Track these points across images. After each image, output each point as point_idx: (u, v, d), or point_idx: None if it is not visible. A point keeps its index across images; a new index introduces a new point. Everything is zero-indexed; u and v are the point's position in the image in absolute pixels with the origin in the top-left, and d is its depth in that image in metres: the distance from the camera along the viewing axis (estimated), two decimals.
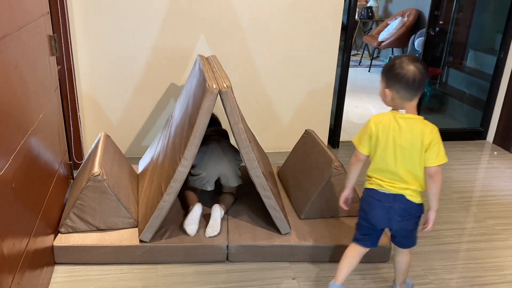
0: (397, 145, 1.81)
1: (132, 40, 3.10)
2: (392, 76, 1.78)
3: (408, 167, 1.83)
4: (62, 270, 2.19)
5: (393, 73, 1.77)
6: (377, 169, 1.88)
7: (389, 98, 1.82)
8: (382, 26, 6.48)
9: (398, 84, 1.77)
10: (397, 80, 1.77)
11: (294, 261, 2.33)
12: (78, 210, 2.25)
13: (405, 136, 1.80)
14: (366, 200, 1.95)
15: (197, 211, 2.33)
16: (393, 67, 1.78)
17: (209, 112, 2.07)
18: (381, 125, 1.83)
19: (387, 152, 1.83)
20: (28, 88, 1.90)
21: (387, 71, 1.81)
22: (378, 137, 1.84)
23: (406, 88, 1.77)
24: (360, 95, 5.40)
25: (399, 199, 1.87)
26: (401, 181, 1.85)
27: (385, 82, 1.82)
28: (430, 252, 2.46)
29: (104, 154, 2.42)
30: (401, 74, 1.76)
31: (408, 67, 1.75)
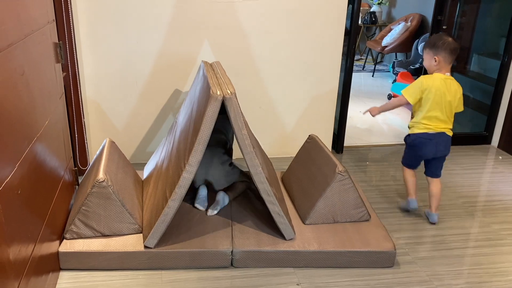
0: (446, 100, 2.54)
1: (136, 46, 3.12)
2: (440, 45, 2.50)
3: (449, 114, 2.60)
4: (67, 276, 2.20)
5: (440, 43, 2.50)
6: (427, 117, 2.60)
7: (437, 63, 2.53)
8: (386, 31, 6.49)
9: (444, 51, 2.49)
10: (444, 48, 2.49)
11: (299, 267, 2.33)
12: (83, 216, 2.26)
13: (450, 93, 2.54)
14: (418, 141, 2.69)
15: (202, 191, 2.62)
16: (439, 39, 2.53)
17: (213, 118, 2.08)
18: (433, 84, 2.52)
19: (439, 104, 2.55)
20: (34, 95, 1.92)
21: (434, 43, 2.52)
22: (431, 91, 2.53)
23: (450, 53, 2.50)
24: (364, 100, 5.41)
25: (442, 135, 2.65)
26: (444, 123, 2.62)
27: (433, 51, 2.52)
28: (435, 258, 2.46)
29: (109, 160, 2.43)
30: (446, 43, 2.49)
31: (448, 39, 2.52)
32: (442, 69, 2.54)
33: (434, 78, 2.53)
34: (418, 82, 2.56)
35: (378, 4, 7.06)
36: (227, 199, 2.63)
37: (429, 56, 2.55)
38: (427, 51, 2.57)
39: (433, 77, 2.54)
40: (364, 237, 2.41)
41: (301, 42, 3.34)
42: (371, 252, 2.32)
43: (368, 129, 4.42)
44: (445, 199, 3.08)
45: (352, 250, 2.32)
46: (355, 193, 2.50)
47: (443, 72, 2.55)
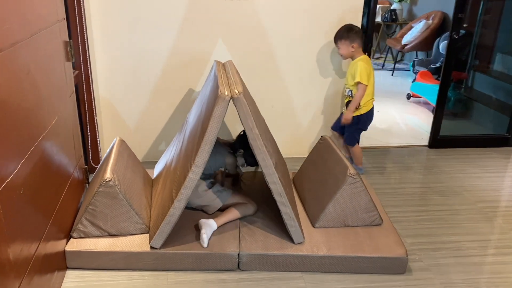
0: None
1: (149, 45, 3.11)
2: (354, 34, 3.01)
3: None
4: (74, 275, 2.20)
5: (354, 32, 3.01)
6: (371, 93, 3.09)
7: (354, 49, 3.01)
8: (406, 29, 6.34)
9: (358, 38, 3.01)
10: (358, 36, 3.01)
11: (307, 271, 2.28)
12: (89, 215, 2.26)
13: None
14: (370, 116, 3.18)
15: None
16: (351, 29, 3.03)
17: (220, 118, 2.04)
18: (369, 66, 3.01)
19: (373, 81, 3.08)
20: (40, 93, 1.91)
21: (348, 33, 3.01)
22: (371, 72, 3.03)
23: (361, 39, 3.04)
24: (382, 99, 5.28)
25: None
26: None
27: (350, 40, 3.00)
28: (450, 265, 2.37)
29: (117, 159, 2.42)
30: (357, 31, 3.02)
31: (356, 27, 3.06)
32: (357, 53, 3.02)
33: (364, 59, 3.02)
34: (363, 67, 2.96)
35: (399, 1, 6.91)
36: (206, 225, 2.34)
37: (346, 45, 3.01)
38: (343, 42, 3.01)
39: (364, 60, 3.01)
40: (375, 242, 2.33)
41: (315, 40, 3.27)
42: (382, 258, 2.25)
43: (386, 129, 4.31)
44: (463, 203, 2.98)
45: (362, 256, 2.25)
46: (366, 196, 2.42)
47: (358, 56, 3.02)
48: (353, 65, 3.06)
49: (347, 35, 3.01)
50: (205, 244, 2.25)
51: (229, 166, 2.59)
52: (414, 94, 5.12)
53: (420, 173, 3.43)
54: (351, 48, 3.01)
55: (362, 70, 2.96)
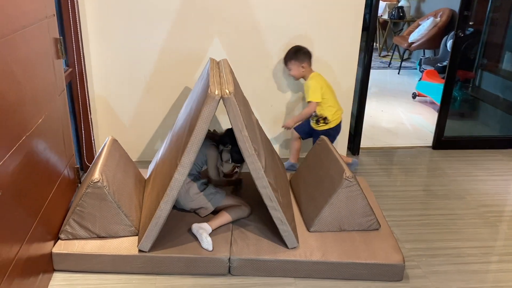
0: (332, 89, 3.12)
1: (144, 42, 3.05)
2: (303, 54, 3.03)
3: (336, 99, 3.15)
4: (60, 278, 2.15)
5: (302, 53, 3.03)
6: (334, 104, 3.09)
7: (304, 69, 3.03)
8: (414, 26, 6.22)
9: (308, 58, 3.05)
10: (307, 56, 3.04)
11: (300, 277, 2.21)
12: (77, 216, 2.21)
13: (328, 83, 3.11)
14: (338, 128, 3.19)
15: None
16: (299, 50, 3.04)
17: (209, 118, 1.97)
18: (320, 81, 3.04)
19: (333, 94, 3.10)
20: (24, 91, 1.86)
21: (297, 53, 3.03)
22: (324, 87, 3.03)
23: (309, 59, 3.06)
24: (388, 98, 5.19)
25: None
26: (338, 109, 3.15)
27: (299, 61, 3.02)
28: (449, 272, 2.28)
29: (107, 159, 2.36)
30: (305, 51, 3.05)
31: (303, 48, 3.06)
32: (308, 73, 3.05)
33: (313, 77, 3.03)
34: (313, 86, 2.99)
35: None
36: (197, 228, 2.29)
37: (296, 66, 3.02)
38: (293, 63, 3.02)
39: (313, 77, 3.03)
40: (371, 248, 2.26)
41: (315, 38, 3.18)
42: (378, 264, 2.17)
43: (390, 129, 4.22)
44: (465, 207, 2.89)
45: (357, 262, 2.18)
46: (363, 200, 2.34)
47: (308, 75, 3.05)
48: (305, 86, 3.07)
49: (296, 56, 3.02)
50: (211, 247, 2.19)
51: (210, 159, 2.48)
52: (420, 93, 5.01)
53: (422, 176, 3.33)
54: (302, 69, 3.02)
55: (312, 88, 2.99)
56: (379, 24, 7.19)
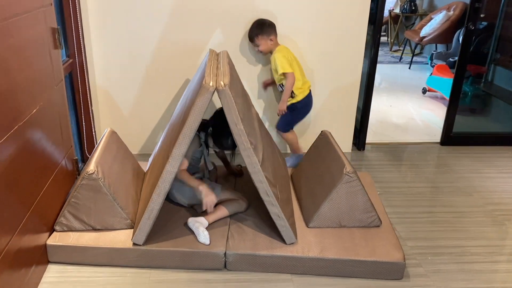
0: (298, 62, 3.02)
1: (146, 33, 3.01)
2: (269, 27, 2.92)
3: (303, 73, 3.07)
4: (55, 270, 2.13)
5: (268, 25, 2.93)
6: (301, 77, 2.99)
7: (272, 43, 2.93)
8: (426, 20, 6.09)
9: (274, 31, 2.95)
10: (273, 28, 2.94)
11: (297, 273, 2.16)
12: (72, 208, 2.19)
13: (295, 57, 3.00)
14: (307, 103, 3.08)
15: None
16: (264, 23, 2.93)
17: (202, 110, 1.93)
18: (287, 53, 2.93)
19: (300, 67, 3.00)
20: (15, 81, 1.83)
21: (263, 27, 2.92)
22: (292, 59, 2.93)
23: (275, 30, 2.96)
24: (398, 93, 5.10)
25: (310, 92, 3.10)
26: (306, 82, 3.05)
27: (266, 35, 2.91)
28: (451, 272, 2.21)
29: (104, 151, 2.34)
30: (271, 23, 2.94)
31: (266, 20, 2.95)
32: (275, 46, 2.95)
33: (280, 50, 2.93)
34: (281, 57, 2.87)
35: None
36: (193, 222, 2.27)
37: (264, 40, 2.91)
38: (260, 38, 2.90)
39: (280, 50, 2.93)
40: (371, 245, 2.20)
41: (320, 30, 3.12)
42: (377, 262, 2.11)
43: (399, 125, 4.13)
44: (472, 205, 2.80)
45: (356, 259, 2.12)
46: (364, 196, 2.28)
47: (275, 49, 2.94)
48: (272, 60, 2.96)
49: (262, 30, 2.91)
50: (208, 241, 2.16)
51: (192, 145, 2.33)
52: (430, 88, 4.91)
53: (429, 172, 3.25)
54: (270, 42, 2.92)
55: (281, 60, 2.87)
56: (391, 18, 7.06)
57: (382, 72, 5.97)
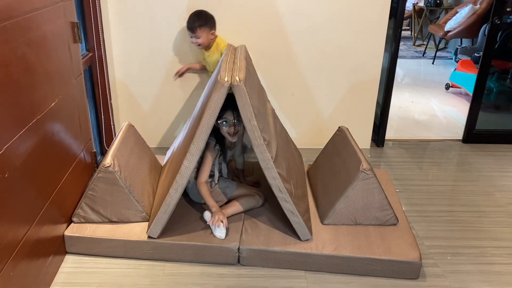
0: None
1: (165, 28, 3.03)
2: (211, 20, 2.84)
3: None
4: (72, 260, 2.17)
5: (210, 18, 2.84)
6: None
7: (212, 37, 2.87)
8: (451, 14, 5.95)
9: (214, 25, 2.87)
10: (213, 22, 2.86)
11: (310, 270, 2.15)
12: (89, 200, 2.22)
13: None
14: None
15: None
16: (207, 15, 2.84)
17: (218, 105, 1.93)
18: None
19: None
20: (36, 74, 1.86)
21: (207, 19, 2.82)
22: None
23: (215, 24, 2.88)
24: (420, 89, 5.00)
25: None
26: None
27: (209, 27, 2.83)
28: (470, 272, 2.16)
29: (121, 145, 2.36)
30: (211, 17, 2.85)
31: (208, 13, 2.86)
32: (215, 39, 2.90)
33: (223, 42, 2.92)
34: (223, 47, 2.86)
35: None
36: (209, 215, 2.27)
37: (206, 33, 2.82)
38: (203, 29, 2.81)
39: (223, 42, 2.92)
40: (387, 244, 2.16)
41: (340, 24, 3.07)
42: (392, 261, 2.08)
43: (421, 121, 4.05)
44: (493, 204, 2.73)
45: (371, 257, 2.09)
46: (380, 193, 2.25)
47: (214, 42, 2.90)
48: (215, 52, 2.90)
49: (206, 22, 2.82)
50: (224, 235, 2.16)
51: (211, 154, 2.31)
52: (454, 84, 4.79)
53: (449, 170, 3.18)
54: (211, 36, 2.85)
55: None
56: (415, 11, 6.92)
57: (405, 67, 5.87)
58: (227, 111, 2.20)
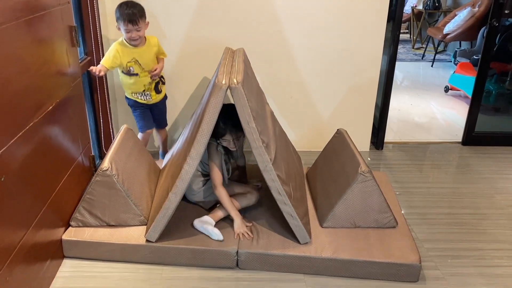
0: None
1: (164, 30, 3.02)
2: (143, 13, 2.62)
3: None
4: (70, 264, 2.16)
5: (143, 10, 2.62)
6: None
7: (146, 28, 2.67)
8: (450, 17, 5.95)
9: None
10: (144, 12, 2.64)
11: (310, 274, 2.13)
12: (87, 204, 2.21)
13: None
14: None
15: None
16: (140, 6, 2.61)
17: (216, 108, 1.92)
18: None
19: None
20: (31, 78, 1.86)
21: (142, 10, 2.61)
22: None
23: None
24: (419, 91, 5.00)
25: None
26: None
27: (145, 18, 2.62)
28: (470, 275, 2.15)
29: (119, 148, 2.36)
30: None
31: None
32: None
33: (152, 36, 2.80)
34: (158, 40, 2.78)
35: None
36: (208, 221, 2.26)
37: (145, 24, 2.65)
38: (143, 20, 2.61)
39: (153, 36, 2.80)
40: (387, 246, 2.15)
41: (338, 27, 3.07)
42: (392, 264, 2.07)
43: (420, 124, 4.04)
44: (493, 207, 2.72)
45: (370, 260, 2.08)
46: (379, 196, 2.24)
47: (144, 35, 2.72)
48: (150, 48, 2.73)
49: (143, 12, 2.61)
50: (221, 237, 2.16)
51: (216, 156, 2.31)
52: (453, 87, 4.79)
53: (449, 172, 3.17)
54: (147, 27, 2.67)
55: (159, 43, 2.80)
56: (413, 14, 6.93)
57: (404, 70, 5.86)
58: (227, 134, 2.21)
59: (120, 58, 2.65)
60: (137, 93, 2.79)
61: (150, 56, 2.76)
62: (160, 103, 2.93)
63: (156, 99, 2.87)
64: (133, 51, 2.68)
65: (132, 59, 2.68)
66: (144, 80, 2.75)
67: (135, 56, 2.68)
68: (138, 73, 2.72)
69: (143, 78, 2.75)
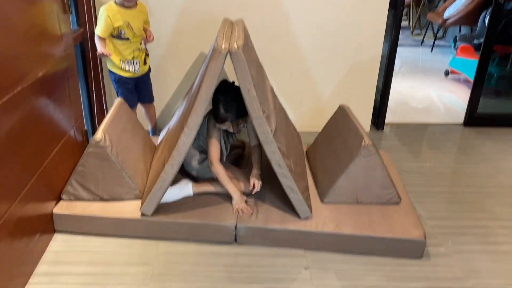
0: None
1: (160, 4, 2.92)
2: None
3: None
4: (61, 239, 2.08)
5: None
6: None
7: None
8: (449, 1, 5.85)
9: None
10: None
11: (310, 249, 2.06)
12: (80, 177, 2.12)
13: None
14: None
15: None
16: None
17: (215, 75, 1.83)
18: None
19: None
20: (20, 42, 1.76)
21: None
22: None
23: None
24: (418, 76, 4.92)
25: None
26: None
27: None
28: (475, 252, 2.09)
29: (113, 120, 2.26)
30: None
31: None
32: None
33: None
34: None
35: None
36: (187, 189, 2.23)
37: None
38: None
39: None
40: (390, 222, 2.08)
41: (340, 1, 2.98)
42: (395, 239, 2.00)
43: (421, 107, 3.97)
44: (497, 185, 2.66)
45: (373, 236, 2.01)
46: (383, 171, 2.17)
47: None
48: (141, 13, 2.67)
49: None
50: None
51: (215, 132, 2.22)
52: (453, 70, 4.72)
53: (451, 152, 3.10)
54: None
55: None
56: (412, 1, 6.83)
57: (403, 55, 5.78)
58: (227, 121, 2.12)
59: (112, 23, 2.55)
60: (125, 61, 2.68)
61: (140, 21, 2.67)
62: (145, 75, 2.85)
63: (143, 71, 2.79)
64: (126, 13, 2.58)
65: (124, 21, 2.57)
66: (133, 45, 2.66)
67: (128, 18, 2.58)
68: (129, 37, 2.62)
69: (133, 44, 2.66)
